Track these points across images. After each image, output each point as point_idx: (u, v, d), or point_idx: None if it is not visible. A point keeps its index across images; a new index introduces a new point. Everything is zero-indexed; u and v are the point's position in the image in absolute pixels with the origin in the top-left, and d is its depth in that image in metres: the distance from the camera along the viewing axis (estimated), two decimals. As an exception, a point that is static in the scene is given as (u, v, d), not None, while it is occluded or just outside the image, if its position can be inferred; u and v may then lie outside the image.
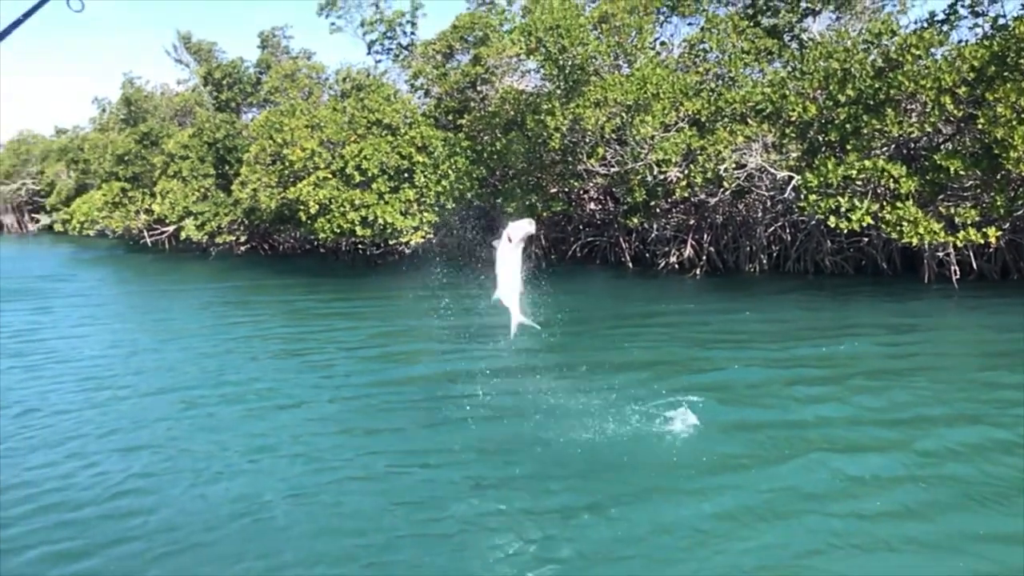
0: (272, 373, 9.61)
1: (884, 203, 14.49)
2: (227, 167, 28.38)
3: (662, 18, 21.16)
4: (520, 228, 5.69)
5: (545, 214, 21.32)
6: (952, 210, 14.26)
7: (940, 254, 16.33)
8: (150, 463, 6.29)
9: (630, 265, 22.14)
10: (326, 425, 7.28)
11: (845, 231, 15.08)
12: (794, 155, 16.06)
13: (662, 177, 17.32)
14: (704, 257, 20.66)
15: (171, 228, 30.45)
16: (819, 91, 15.68)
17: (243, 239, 29.71)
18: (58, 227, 37.40)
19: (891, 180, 14.22)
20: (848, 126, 14.83)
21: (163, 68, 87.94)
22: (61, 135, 51.24)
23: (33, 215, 55.27)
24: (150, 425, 7.36)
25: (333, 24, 27.08)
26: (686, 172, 17.05)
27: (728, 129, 16.29)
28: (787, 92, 15.76)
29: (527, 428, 7.17)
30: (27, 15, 2.12)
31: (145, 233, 32.07)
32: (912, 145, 15.82)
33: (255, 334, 12.77)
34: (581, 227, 24.40)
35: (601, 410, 7.62)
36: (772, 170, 16.19)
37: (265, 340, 12.16)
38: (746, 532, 5.02)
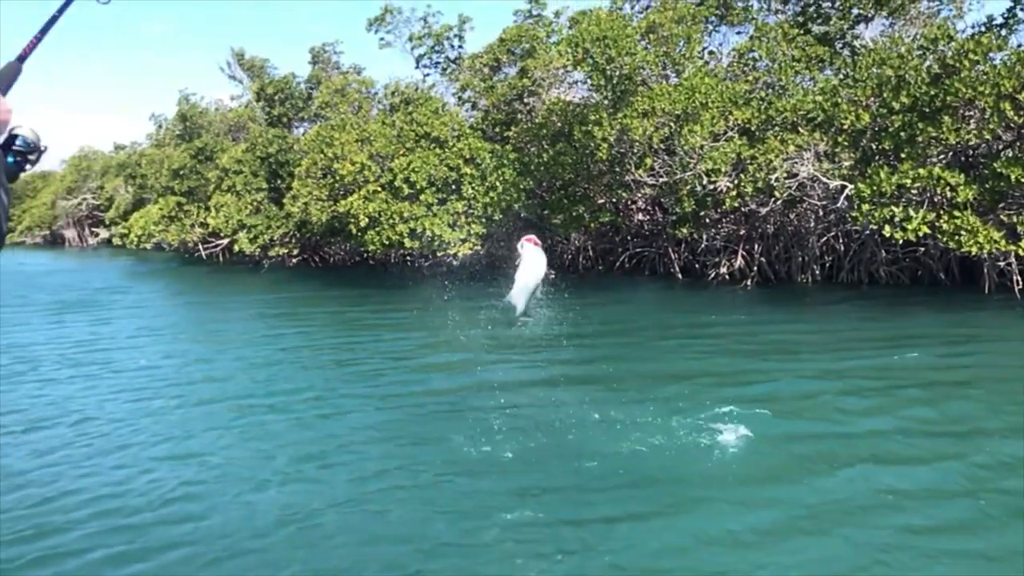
0: (321, 382, 9.70)
1: (941, 212, 14.14)
2: (279, 181, 28.89)
3: (710, 27, 21.02)
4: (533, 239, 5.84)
5: (592, 225, 21.28)
6: (1014, 218, 13.86)
7: (1001, 264, 15.90)
8: (201, 470, 6.40)
9: (679, 276, 21.95)
10: (373, 434, 7.32)
11: (900, 241, 14.75)
12: (847, 164, 15.79)
13: (711, 187, 17.16)
14: (755, 268, 20.40)
15: (225, 241, 31.06)
16: (872, 99, 15.40)
17: (295, 251, 30.18)
18: (116, 241, 38.44)
19: (948, 188, 13.88)
20: (903, 134, 14.52)
21: (217, 84, 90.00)
22: (120, 151, 52.69)
23: (93, 229, 56.82)
24: (202, 433, 7.47)
25: (382, 39, 27.49)
26: (736, 182, 16.86)
27: (779, 138, 16.08)
28: (839, 100, 15.51)
29: (572, 438, 7.14)
30: (60, 11, 2.15)
31: (200, 246, 32.77)
32: (970, 152, 15.44)
33: (305, 344, 12.93)
34: (629, 238, 24.29)
35: (647, 421, 7.54)
36: (824, 179, 15.92)
37: (315, 350, 12.31)
38: (793, 544, 4.92)
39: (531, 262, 5.73)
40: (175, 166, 32.77)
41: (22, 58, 2.03)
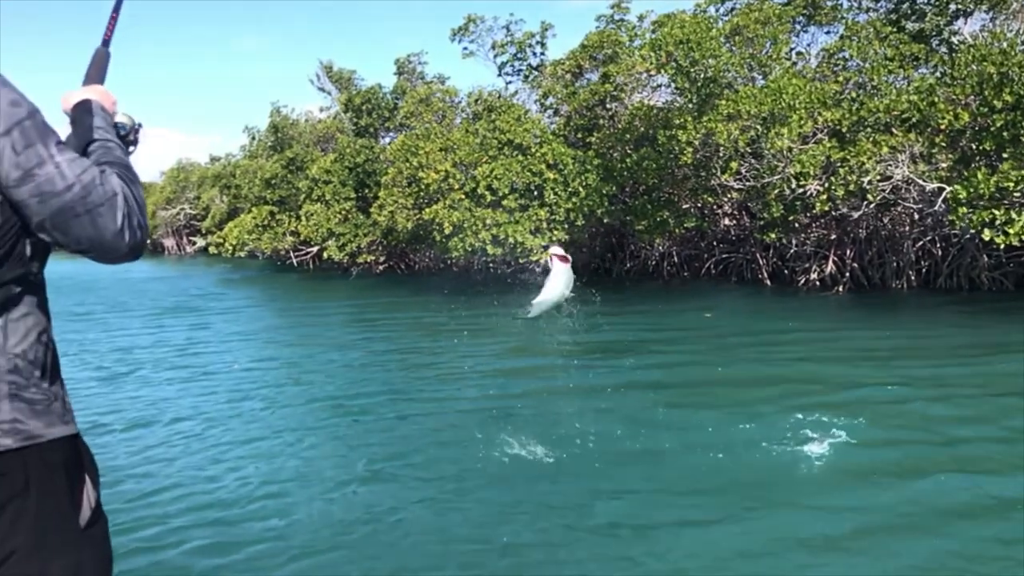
0: (403, 386, 9.86)
1: (1048, 214, 13.43)
2: (366, 190, 29.48)
3: (798, 28, 20.52)
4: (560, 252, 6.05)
5: (677, 230, 21.00)
6: None
7: (1115, 269, 15.02)
8: (287, 468, 6.59)
9: (768, 282, 21.46)
10: (451, 436, 7.41)
11: (1002, 245, 14.07)
12: (944, 165, 15.16)
13: (800, 191, 16.71)
14: (847, 273, 19.79)
15: (315, 249, 31.87)
16: (972, 97, 14.74)
17: (381, 259, 30.75)
18: (212, 249, 39.79)
19: (1054, 189, 13.19)
20: (1005, 134, 13.84)
21: (307, 96, 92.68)
22: (215, 162, 54.65)
23: (190, 238, 59.07)
24: (288, 434, 7.69)
25: (465, 48, 27.75)
26: (826, 185, 16.39)
27: (871, 140, 15.56)
28: (936, 99, 14.90)
29: (649, 442, 7.09)
30: None
31: (291, 254, 33.71)
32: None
33: (389, 348, 13.16)
34: (715, 243, 23.89)
35: (728, 425, 7.44)
36: (920, 182, 15.33)
37: (398, 354, 12.51)
38: (878, 550, 4.77)
39: (558, 279, 5.92)
40: (267, 176, 33.80)
41: (106, 42, 2.01)
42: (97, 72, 1.97)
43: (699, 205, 21.84)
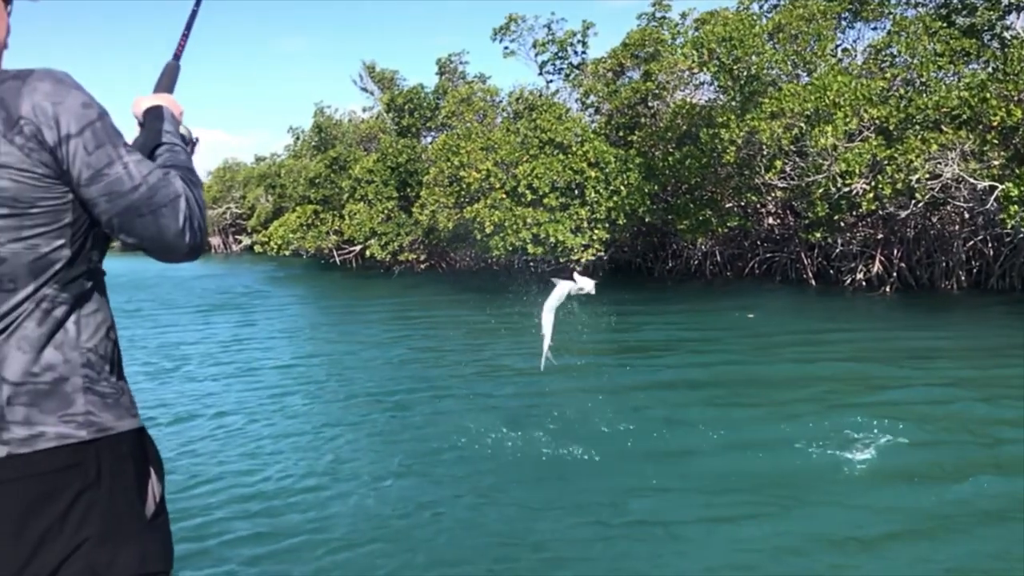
0: (443, 382, 9.92)
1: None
2: (408, 190, 29.68)
3: (844, 24, 20.18)
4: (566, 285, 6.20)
5: (720, 229, 20.80)
6: None
7: None
8: (328, 462, 6.69)
9: (812, 282, 21.16)
10: (490, 431, 7.43)
11: (1057, 244, 13.70)
12: (996, 163, 14.80)
13: (846, 189, 16.44)
14: (894, 273, 19.43)
15: (358, 248, 32.17)
16: (1025, 92, 14.40)
17: (422, 257, 30.93)
18: (257, 248, 40.39)
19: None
20: (1060, 129, 13.50)
21: (350, 96, 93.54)
22: (260, 162, 55.42)
23: (236, 236, 59.99)
24: (329, 428, 7.79)
25: (506, 48, 27.77)
26: (873, 184, 16.10)
27: (920, 137, 15.25)
28: (988, 95, 14.54)
29: (692, 440, 7.08)
30: (196, 6, 2.25)
31: (334, 252, 34.07)
32: None
33: (429, 346, 13.24)
34: (759, 242, 23.61)
35: (770, 424, 7.38)
36: (971, 180, 14.98)
37: (439, 352, 12.58)
38: (917, 548, 4.75)
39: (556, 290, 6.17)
40: (311, 175, 34.19)
41: (177, 56, 2.13)
42: (168, 83, 2.08)
43: (742, 204, 21.61)
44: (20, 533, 1.52)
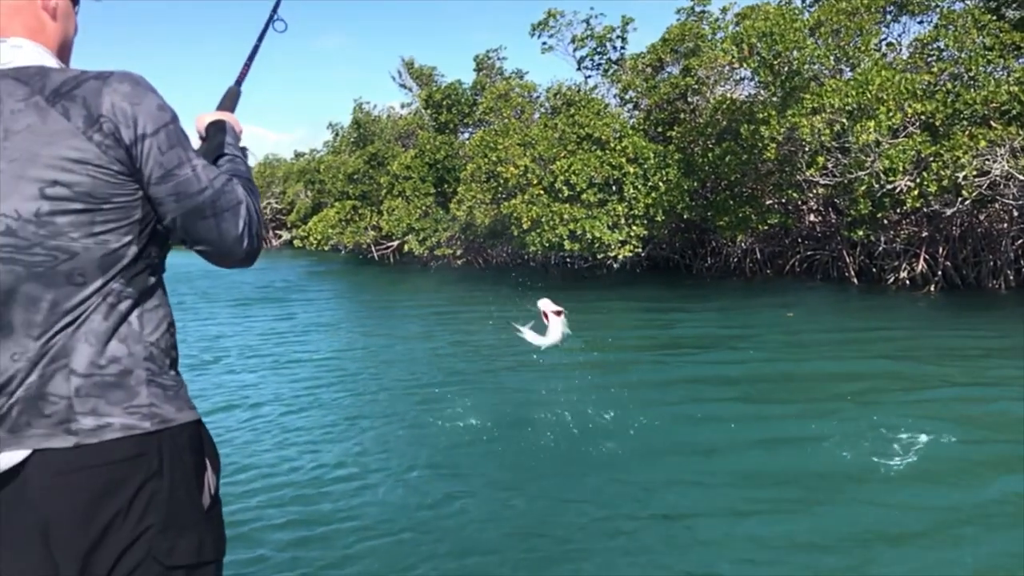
0: (477, 376, 9.92)
1: None
2: (446, 186, 29.80)
3: (889, 18, 19.78)
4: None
5: (760, 227, 20.54)
6: None
7: None
8: (361, 453, 6.73)
9: (855, 281, 20.81)
10: (523, 423, 7.43)
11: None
12: (1047, 159, 14.42)
13: (890, 187, 16.13)
14: (939, 272, 19.03)
15: (395, 243, 32.38)
16: (1078, 87, 14.00)
17: (459, 253, 31.02)
18: (297, 242, 40.80)
19: None
20: (1114, 124, 13.10)
21: (389, 93, 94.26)
22: (300, 158, 56.05)
23: (276, 231, 60.71)
24: (364, 420, 7.85)
25: (544, 43, 27.69)
26: (917, 181, 15.78)
27: (967, 133, 14.91)
28: (1039, 89, 14.18)
29: (726, 435, 7.01)
30: (259, 40, 2.37)
31: (372, 248, 34.32)
32: None
33: (465, 340, 13.26)
34: (800, 240, 23.27)
35: (806, 421, 7.25)
36: (1021, 176, 14.60)
37: (473, 346, 12.60)
38: (953, 544, 4.66)
39: (555, 332, 6.22)
40: (350, 171, 34.49)
41: (239, 82, 2.25)
42: (229, 105, 2.20)
43: (783, 201, 21.32)
44: (88, 521, 1.57)
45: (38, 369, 1.57)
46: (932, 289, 18.58)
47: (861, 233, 18.33)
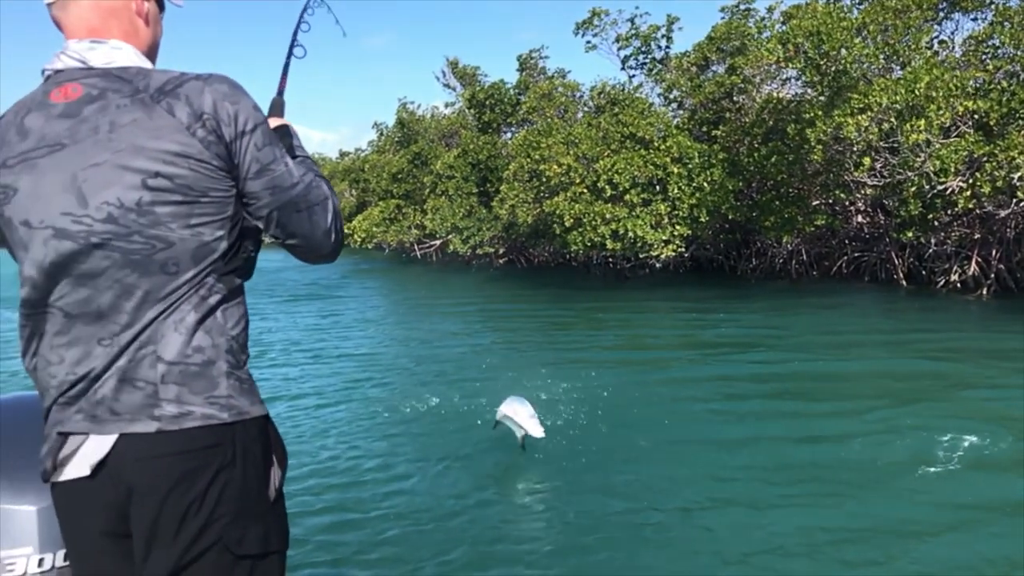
0: (516, 373, 9.90)
1: None
2: (488, 185, 29.89)
3: (941, 15, 19.35)
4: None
5: (807, 228, 20.25)
6: None
7: None
8: (400, 447, 6.84)
9: (903, 283, 20.40)
10: (559, 421, 7.43)
11: None
12: (1106, 159, 13.98)
13: (940, 187, 15.78)
14: (992, 275, 18.55)
15: (438, 242, 32.57)
16: None
17: (501, 252, 31.08)
18: (342, 241, 41.27)
19: None
20: None
21: (433, 93, 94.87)
22: (345, 157, 56.59)
23: (321, 230, 61.24)
24: (401, 414, 7.96)
25: (588, 42, 27.63)
26: (970, 181, 15.42)
27: (1023, 133, 14.53)
28: (1097, 87, 13.77)
29: (763, 431, 7.03)
30: (290, 52, 2.41)
31: (415, 246, 34.56)
32: None
33: (504, 338, 13.32)
34: (847, 241, 22.87)
35: (846, 419, 7.23)
36: (1078, 177, 14.19)
37: (513, 344, 12.66)
38: (996, 540, 4.65)
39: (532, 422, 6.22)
40: (394, 170, 34.76)
41: (280, 92, 2.31)
42: (279, 113, 2.25)
43: (830, 201, 21.00)
44: (166, 507, 1.62)
45: (127, 355, 1.63)
46: (984, 292, 18.14)
47: (911, 234, 17.96)
